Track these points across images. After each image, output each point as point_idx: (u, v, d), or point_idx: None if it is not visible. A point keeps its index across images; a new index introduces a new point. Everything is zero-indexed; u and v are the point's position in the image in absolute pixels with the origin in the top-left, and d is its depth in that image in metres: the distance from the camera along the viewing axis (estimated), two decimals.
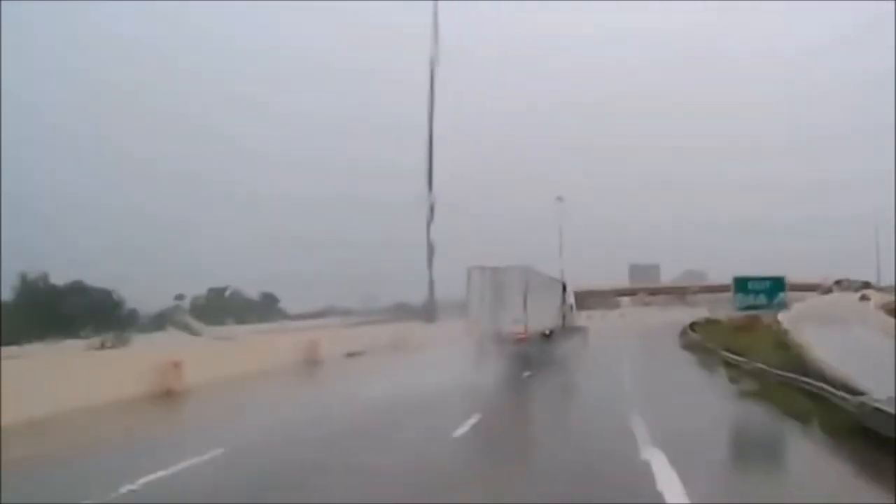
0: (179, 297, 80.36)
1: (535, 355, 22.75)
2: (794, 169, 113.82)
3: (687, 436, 9.81)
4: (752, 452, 9.53)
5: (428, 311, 37.31)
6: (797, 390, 12.72)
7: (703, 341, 27.76)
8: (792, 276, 70.92)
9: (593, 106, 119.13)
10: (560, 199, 62.77)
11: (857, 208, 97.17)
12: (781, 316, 28.25)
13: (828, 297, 48.68)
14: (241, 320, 70.15)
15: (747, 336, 24.29)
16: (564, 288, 34.55)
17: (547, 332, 27.33)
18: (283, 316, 72.71)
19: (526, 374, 19.31)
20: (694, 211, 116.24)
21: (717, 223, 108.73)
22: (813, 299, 46.10)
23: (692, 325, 37.15)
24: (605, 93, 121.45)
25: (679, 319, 43.44)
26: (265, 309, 72.83)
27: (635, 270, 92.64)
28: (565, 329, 32.46)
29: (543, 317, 26.80)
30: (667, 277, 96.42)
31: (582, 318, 39.17)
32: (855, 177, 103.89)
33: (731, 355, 19.60)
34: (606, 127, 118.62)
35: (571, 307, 34.91)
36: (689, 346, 29.24)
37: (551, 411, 13.98)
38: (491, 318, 23.21)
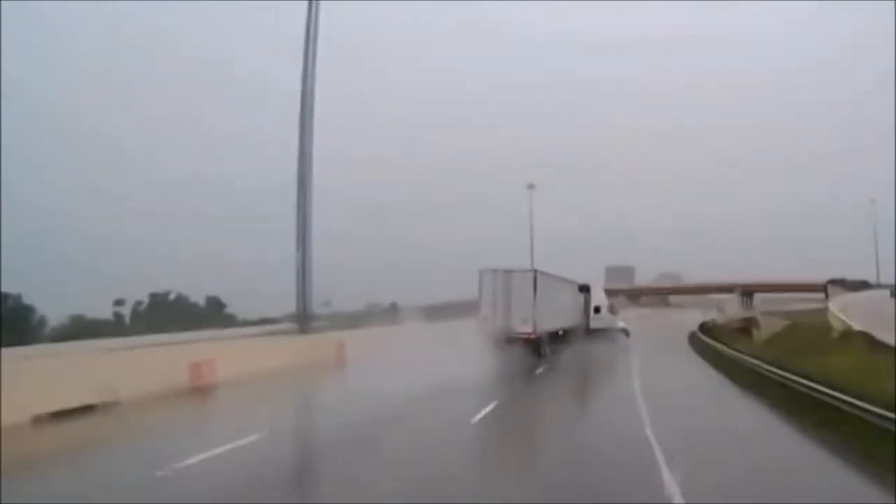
0: (119, 302, 74.13)
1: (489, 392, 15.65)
2: (778, 166, 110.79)
3: None
4: None
5: (300, 319, 28.99)
6: None
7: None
8: (782, 277, 66.73)
9: (564, 102, 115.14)
10: (531, 186, 58.29)
11: (849, 206, 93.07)
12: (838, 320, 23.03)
13: (863, 295, 44.02)
14: (185, 327, 64.11)
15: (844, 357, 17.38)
16: (587, 289, 34.72)
17: (560, 332, 27.89)
18: (232, 322, 66.48)
19: None
20: (669, 212, 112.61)
21: (693, 224, 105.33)
22: (845, 297, 41.31)
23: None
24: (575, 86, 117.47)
25: (679, 323, 39.16)
26: (211, 315, 66.22)
27: (611, 272, 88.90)
28: (588, 330, 33.44)
29: (556, 318, 27.30)
30: (642, 279, 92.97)
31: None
32: (848, 171, 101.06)
33: None
34: (578, 122, 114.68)
35: (598, 308, 34.95)
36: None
37: None
38: (501, 318, 24.04)
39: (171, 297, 68.89)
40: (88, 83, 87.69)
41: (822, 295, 73.77)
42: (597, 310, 35.00)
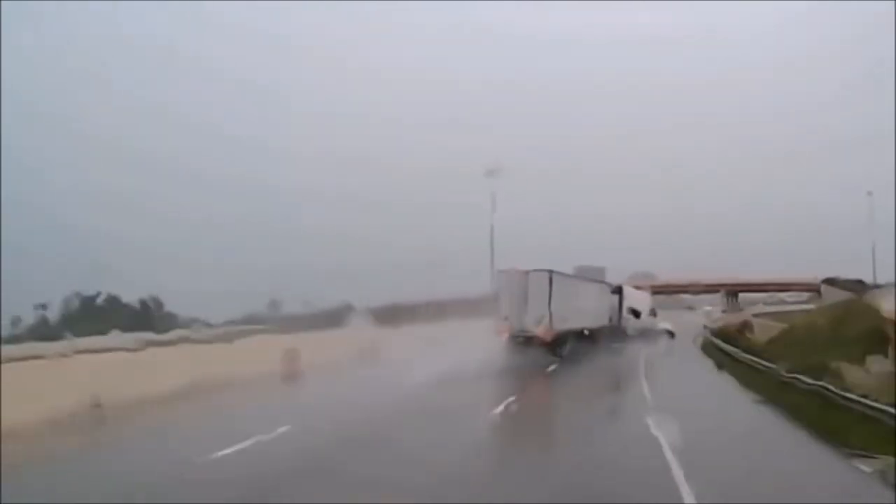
0: (41, 306, 67.21)
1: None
2: (762, 163, 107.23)
3: None
4: None
5: None
6: None
7: None
8: (768, 276, 62.70)
9: (534, 93, 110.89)
10: (492, 172, 53.82)
11: (833, 204, 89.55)
12: None
13: None
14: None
15: None
16: (619, 291, 35.50)
17: (585, 331, 28.63)
18: (174, 323, 60.00)
19: None
20: (644, 211, 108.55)
21: (669, 223, 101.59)
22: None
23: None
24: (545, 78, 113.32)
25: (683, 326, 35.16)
26: (146, 316, 59.66)
27: (581, 272, 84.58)
28: (621, 330, 33.85)
29: (578, 318, 27.58)
30: (615, 280, 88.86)
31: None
32: (836, 169, 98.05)
33: None
34: (546, 117, 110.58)
35: (633, 310, 35.53)
36: None
37: None
38: (517, 318, 24.70)
39: (100, 298, 61.90)
40: None
41: (802, 295, 70.63)
42: (633, 311, 35.72)
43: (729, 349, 26.74)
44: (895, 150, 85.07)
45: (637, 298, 37.10)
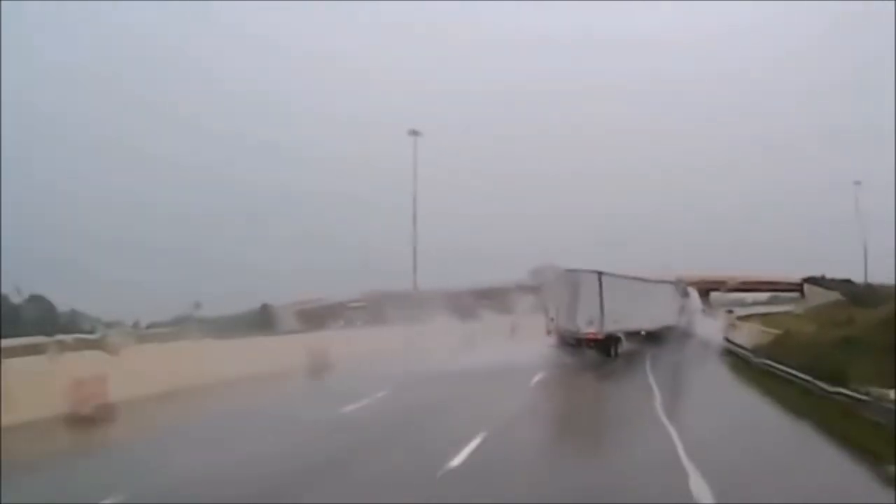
0: None
1: None
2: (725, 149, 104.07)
3: None
4: None
5: None
6: None
7: None
8: (743, 274, 58.73)
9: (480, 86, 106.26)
10: (415, 132, 48.51)
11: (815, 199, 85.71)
12: None
13: None
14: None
15: None
16: (685, 292, 34.93)
17: (642, 332, 28.95)
18: (65, 327, 51.54)
19: None
20: (602, 208, 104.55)
21: (622, 216, 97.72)
22: None
23: None
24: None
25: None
26: (32, 317, 51.16)
27: (538, 274, 79.83)
28: (687, 332, 32.92)
29: (633, 319, 27.54)
30: None
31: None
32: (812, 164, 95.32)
33: None
34: (499, 110, 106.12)
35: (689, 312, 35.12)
36: None
37: None
38: (566, 319, 24.78)
39: None
40: None
41: (762, 295, 67.82)
42: (689, 312, 34.79)
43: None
44: (895, 145, 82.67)
45: (695, 299, 37.12)
